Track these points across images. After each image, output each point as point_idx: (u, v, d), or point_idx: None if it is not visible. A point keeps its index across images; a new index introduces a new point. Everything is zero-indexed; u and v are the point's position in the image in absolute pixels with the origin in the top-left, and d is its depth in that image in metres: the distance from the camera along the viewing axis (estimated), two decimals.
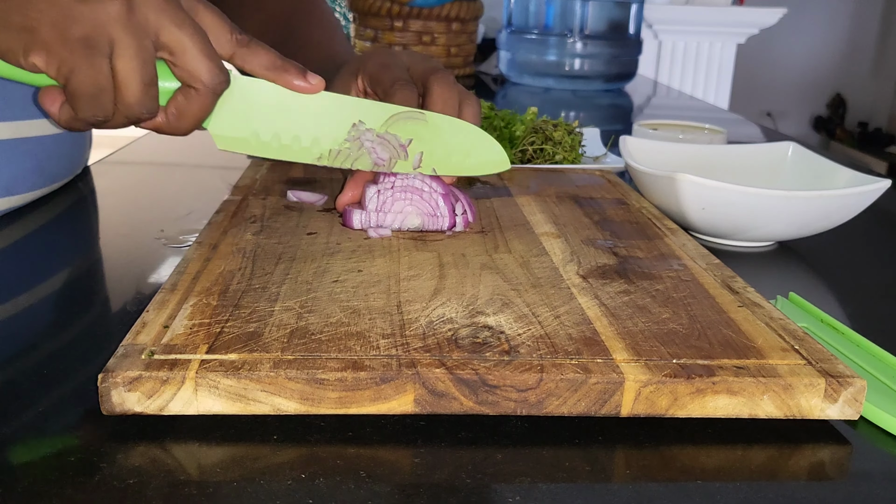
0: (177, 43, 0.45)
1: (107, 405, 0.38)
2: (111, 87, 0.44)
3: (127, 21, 0.43)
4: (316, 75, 0.55)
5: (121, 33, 0.43)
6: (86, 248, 0.68)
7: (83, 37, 0.42)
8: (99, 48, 0.43)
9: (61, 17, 0.42)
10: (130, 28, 0.43)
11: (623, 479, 0.37)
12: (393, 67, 0.62)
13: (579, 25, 1.70)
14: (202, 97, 0.48)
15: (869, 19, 4.20)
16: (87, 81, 0.43)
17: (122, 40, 0.43)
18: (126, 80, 0.44)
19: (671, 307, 0.48)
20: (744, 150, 0.83)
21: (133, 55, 0.44)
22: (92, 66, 0.43)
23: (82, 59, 0.43)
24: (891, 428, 0.42)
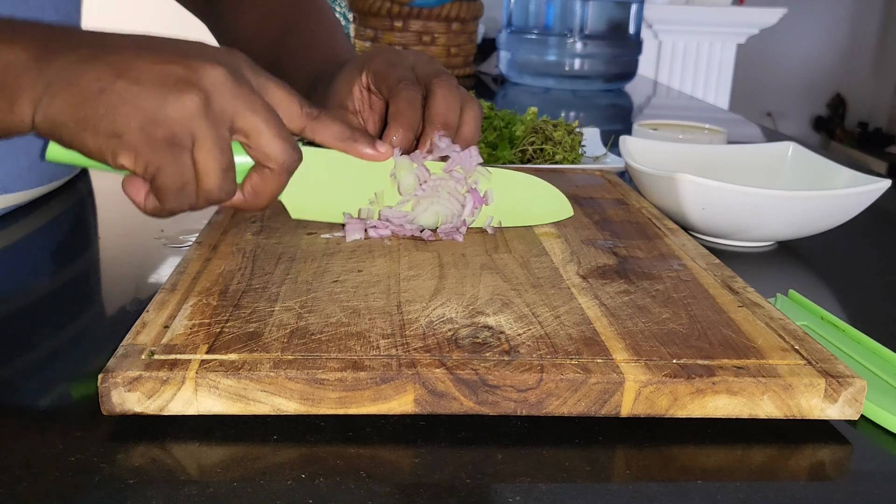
0: (251, 127, 0.47)
1: (107, 405, 0.38)
2: (194, 179, 0.46)
3: (205, 114, 0.44)
4: (384, 143, 0.57)
5: (200, 127, 0.45)
6: (86, 248, 0.68)
7: (167, 136, 0.44)
8: (182, 145, 0.45)
9: (146, 120, 0.43)
10: (209, 121, 0.45)
11: (623, 479, 0.37)
12: (398, 66, 0.63)
13: (579, 25, 1.70)
14: (277, 176, 0.49)
15: (869, 19, 4.20)
16: (173, 177, 0.45)
17: (201, 133, 0.45)
18: (206, 169, 0.46)
19: (671, 307, 0.48)
20: (744, 150, 0.83)
21: (212, 146, 0.45)
22: (177, 162, 0.45)
23: (168, 158, 0.44)
24: (891, 426, 0.42)
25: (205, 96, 0.45)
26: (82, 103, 0.43)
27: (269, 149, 0.48)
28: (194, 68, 0.45)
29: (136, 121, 0.43)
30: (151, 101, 0.43)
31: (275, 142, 0.48)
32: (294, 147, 0.49)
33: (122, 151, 0.44)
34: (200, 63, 0.45)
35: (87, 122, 0.43)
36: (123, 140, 0.43)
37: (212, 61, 0.45)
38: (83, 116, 0.43)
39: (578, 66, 1.71)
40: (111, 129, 0.43)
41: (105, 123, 0.43)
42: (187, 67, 0.45)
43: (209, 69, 0.45)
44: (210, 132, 0.45)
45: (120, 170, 0.45)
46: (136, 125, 0.43)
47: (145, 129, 0.43)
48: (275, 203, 0.54)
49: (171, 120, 0.44)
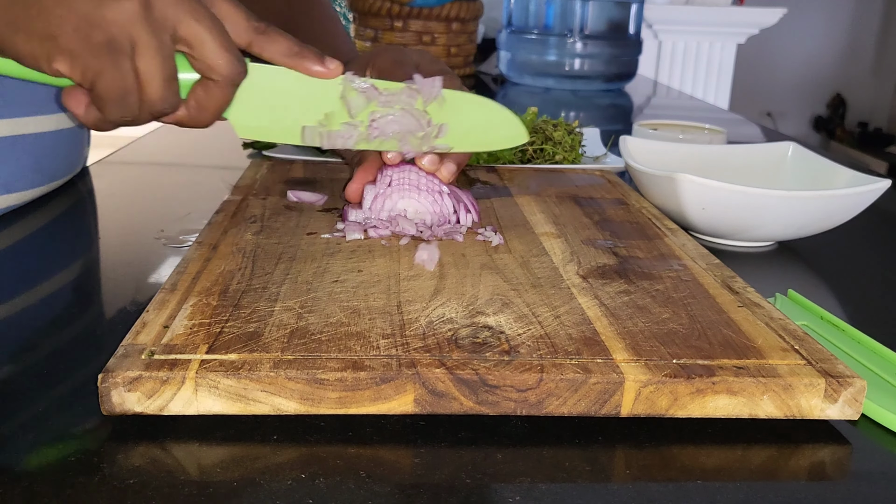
0: (194, 36, 0.45)
1: (107, 405, 0.38)
2: (136, 87, 0.45)
3: (145, 19, 0.43)
4: (333, 59, 0.54)
5: (140, 32, 0.43)
6: (86, 248, 0.68)
7: (105, 40, 0.42)
8: (121, 50, 0.43)
9: (82, 22, 0.42)
10: (149, 25, 0.43)
11: (623, 479, 0.37)
12: (404, 64, 0.63)
13: (579, 25, 1.70)
14: (221, 89, 0.48)
15: (869, 19, 4.20)
16: (113, 84, 0.44)
17: (142, 39, 0.43)
18: (148, 77, 0.45)
19: (671, 307, 0.48)
20: (744, 150, 0.83)
21: (154, 53, 0.44)
22: (116, 68, 0.43)
23: (106, 63, 0.43)
24: (891, 425, 0.42)
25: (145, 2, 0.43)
26: (12, 4, 0.41)
27: (212, 59, 0.46)
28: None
29: (72, 22, 0.42)
30: (88, 3, 0.42)
31: (219, 52, 0.46)
32: (239, 59, 0.47)
33: (57, 55, 0.42)
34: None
35: (18, 23, 0.41)
36: (59, 43, 0.42)
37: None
38: (14, 17, 0.41)
39: (578, 66, 1.71)
40: (45, 30, 0.41)
41: (38, 24, 0.41)
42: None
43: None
44: (151, 38, 0.44)
45: (57, 78, 0.44)
46: (72, 26, 0.42)
47: (81, 31, 0.42)
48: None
49: (108, 22, 0.42)
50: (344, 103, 0.57)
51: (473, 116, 0.61)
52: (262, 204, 0.67)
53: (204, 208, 0.72)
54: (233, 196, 0.69)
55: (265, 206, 0.66)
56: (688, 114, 1.57)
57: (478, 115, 0.61)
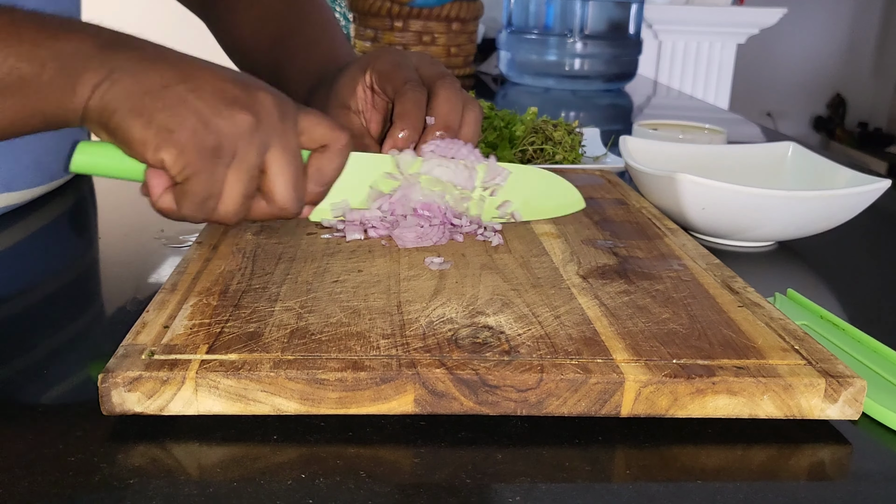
0: (276, 165, 0.48)
1: (107, 405, 0.38)
2: (220, 195, 0.47)
3: (252, 137, 0.46)
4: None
5: (244, 147, 0.46)
6: (86, 248, 0.68)
7: (214, 145, 0.45)
8: (223, 158, 0.46)
9: (200, 124, 0.45)
10: (252, 144, 0.46)
11: (623, 479, 0.37)
12: (404, 67, 0.64)
13: (579, 25, 1.70)
14: (271, 212, 0.50)
15: (869, 19, 4.20)
16: (204, 186, 0.46)
17: (242, 154, 0.46)
18: (232, 190, 0.47)
19: (671, 307, 0.48)
20: (744, 150, 0.83)
21: (247, 169, 0.47)
22: (213, 173, 0.46)
23: (207, 166, 0.45)
24: (892, 423, 0.42)
25: (256, 120, 0.46)
26: (143, 93, 0.44)
27: (278, 192, 0.48)
28: (251, 91, 0.47)
29: (192, 123, 0.45)
30: (209, 110, 0.45)
31: (286, 189, 0.49)
32: (300, 202, 0.50)
33: (167, 147, 0.45)
34: (256, 88, 0.47)
35: (143, 110, 0.44)
36: (173, 136, 0.44)
37: (265, 89, 0.48)
38: (140, 105, 0.44)
39: (578, 66, 1.71)
40: (166, 123, 0.44)
41: (161, 116, 0.44)
42: (244, 89, 0.47)
43: (262, 95, 0.47)
44: (249, 156, 0.47)
45: (151, 165, 0.46)
46: (190, 126, 0.45)
47: (197, 133, 0.45)
48: None
49: (222, 132, 0.45)
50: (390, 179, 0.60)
51: (533, 188, 0.65)
52: None
53: None
54: None
55: None
56: (688, 114, 1.57)
57: (537, 185, 0.66)
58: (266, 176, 0.48)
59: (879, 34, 4.22)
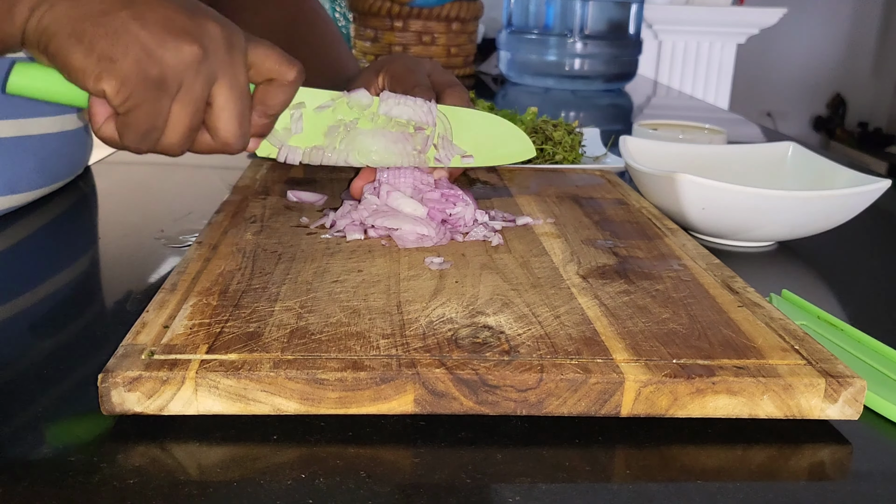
0: (222, 99, 0.47)
1: (107, 405, 0.38)
2: (161, 130, 0.46)
3: (197, 70, 0.45)
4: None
5: (189, 80, 0.45)
6: (86, 248, 0.68)
7: (158, 77, 0.44)
8: (167, 90, 0.45)
9: (144, 54, 0.43)
10: (198, 76, 0.45)
11: (623, 479, 0.37)
12: (416, 72, 0.65)
13: (579, 25, 1.70)
14: (215, 146, 0.49)
15: (869, 19, 4.20)
16: (147, 118, 0.45)
17: (187, 87, 0.45)
18: (176, 122, 0.46)
19: (671, 307, 0.48)
20: (744, 150, 0.83)
21: (191, 102, 0.46)
22: (156, 105, 0.45)
23: (150, 97, 0.44)
24: (894, 417, 0.42)
25: (203, 51, 0.45)
26: (83, 18, 0.43)
27: (223, 126, 0.47)
28: (198, 21, 0.45)
29: (135, 52, 0.43)
30: (153, 40, 0.43)
31: (232, 124, 0.47)
32: (244, 137, 0.49)
33: (108, 76, 0.43)
34: (204, 17, 0.45)
35: (83, 36, 0.43)
36: (116, 66, 0.43)
37: (214, 19, 0.46)
38: (81, 31, 0.43)
39: (578, 66, 1.71)
40: (107, 51, 0.43)
41: (103, 44, 0.43)
42: (192, 17, 0.45)
43: (211, 26, 0.45)
44: (195, 88, 0.45)
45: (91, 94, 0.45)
46: (133, 56, 0.43)
47: (140, 64, 0.43)
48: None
49: (167, 63, 0.44)
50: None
51: (480, 133, 0.63)
52: (262, 204, 0.67)
53: (204, 208, 0.72)
54: (233, 196, 0.69)
55: (265, 206, 0.66)
56: (688, 114, 1.57)
57: (485, 131, 0.64)
58: (211, 109, 0.47)
59: (879, 34, 4.22)
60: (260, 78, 0.49)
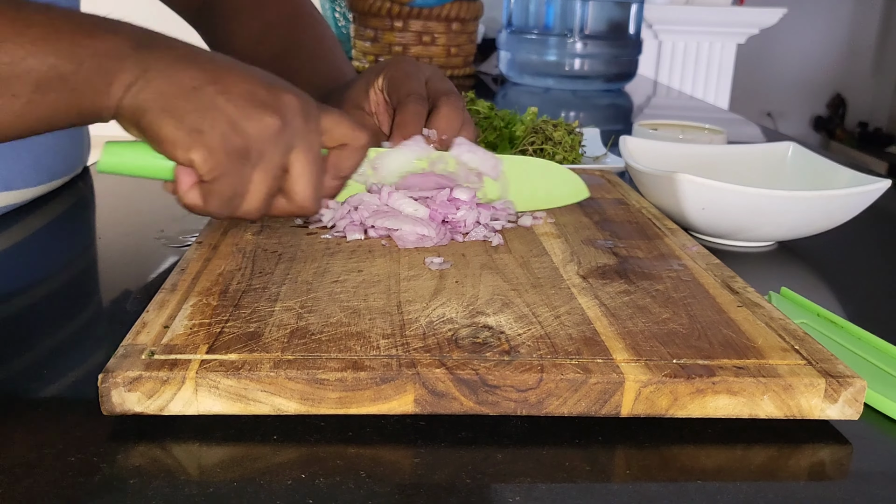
0: (298, 166, 0.49)
1: (107, 405, 0.38)
2: (244, 195, 0.48)
3: (277, 140, 0.47)
4: None
5: (270, 150, 0.47)
6: (86, 248, 0.68)
7: (242, 148, 0.46)
8: (250, 160, 0.47)
9: (229, 127, 0.46)
10: (278, 146, 0.47)
11: (623, 479, 0.37)
12: (413, 78, 0.65)
13: (579, 25, 1.70)
14: (290, 210, 0.51)
15: (869, 19, 4.20)
16: (230, 186, 0.47)
17: (268, 156, 0.47)
18: (257, 190, 0.48)
19: (671, 307, 0.48)
20: (744, 150, 0.83)
21: (270, 170, 0.48)
22: (239, 174, 0.47)
23: (235, 167, 0.46)
24: (894, 414, 0.42)
25: (282, 122, 0.47)
26: (175, 94, 0.45)
27: (299, 191, 0.49)
28: (277, 94, 0.48)
29: (221, 125, 0.46)
30: (238, 113, 0.46)
31: (308, 189, 0.50)
32: (319, 200, 0.51)
33: (197, 147, 0.45)
34: (282, 91, 0.48)
35: (174, 111, 0.45)
36: (203, 137, 0.45)
37: (290, 91, 0.49)
38: (172, 106, 0.45)
39: (578, 66, 1.71)
40: (196, 124, 0.45)
41: (192, 117, 0.45)
42: (271, 91, 0.48)
43: (288, 98, 0.48)
44: (275, 157, 0.48)
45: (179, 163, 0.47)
46: (220, 128, 0.46)
47: (226, 135, 0.46)
48: None
49: (250, 135, 0.46)
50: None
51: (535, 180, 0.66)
52: None
53: None
54: None
55: None
56: (688, 114, 1.57)
57: (540, 175, 0.67)
58: (289, 175, 0.49)
59: (879, 34, 4.22)
60: (332, 143, 0.52)
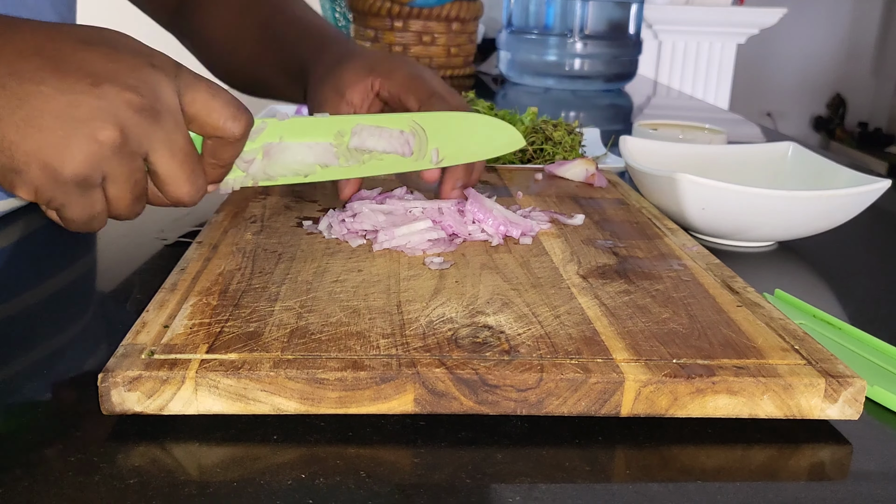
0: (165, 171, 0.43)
1: (107, 405, 0.38)
2: (104, 209, 0.43)
3: (119, 152, 0.40)
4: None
5: (113, 165, 0.41)
6: (86, 248, 0.68)
7: (74, 178, 0.39)
8: (92, 184, 0.41)
9: (49, 163, 0.39)
10: (122, 157, 0.41)
11: (623, 479, 0.37)
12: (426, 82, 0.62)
13: (579, 25, 1.70)
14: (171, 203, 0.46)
15: (869, 19, 4.20)
16: (81, 212, 0.42)
17: (113, 171, 0.41)
18: (117, 200, 0.43)
19: (671, 307, 0.48)
20: (744, 150, 0.83)
21: (125, 181, 0.42)
22: (84, 199, 0.41)
23: (74, 196, 0.41)
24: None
25: (121, 134, 0.40)
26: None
27: (171, 190, 0.44)
28: (110, 97, 0.39)
29: (38, 162, 0.38)
30: (55, 141, 0.38)
31: (180, 187, 0.44)
32: (199, 192, 0.45)
33: (20, 185, 0.39)
34: (117, 88, 0.40)
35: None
36: (23, 177, 0.39)
37: (128, 86, 0.40)
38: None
39: (578, 66, 1.71)
40: (8, 164, 0.39)
41: (2, 158, 0.38)
42: (101, 95, 0.39)
43: (126, 98, 0.40)
44: (123, 169, 0.41)
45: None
46: (38, 165, 0.38)
47: (48, 170, 0.39)
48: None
49: (78, 162, 0.39)
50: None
51: (464, 132, 0.61)
52: (261, 204, 0.67)
53: (204, 208, 0.72)
54: (232, 196, 0.69)
55: (265, 205, 0.66)
56: (688, 114, 1.57)
57: (469, 129, 0.61)
58: (156, 176, 0.43)
59: (879, 34, 4.22)
60: (204, 133, 0.45)
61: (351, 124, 0.57)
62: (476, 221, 0.59)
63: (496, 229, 0.59)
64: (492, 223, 0.59)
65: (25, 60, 0.39)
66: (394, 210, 0.60)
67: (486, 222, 0.59)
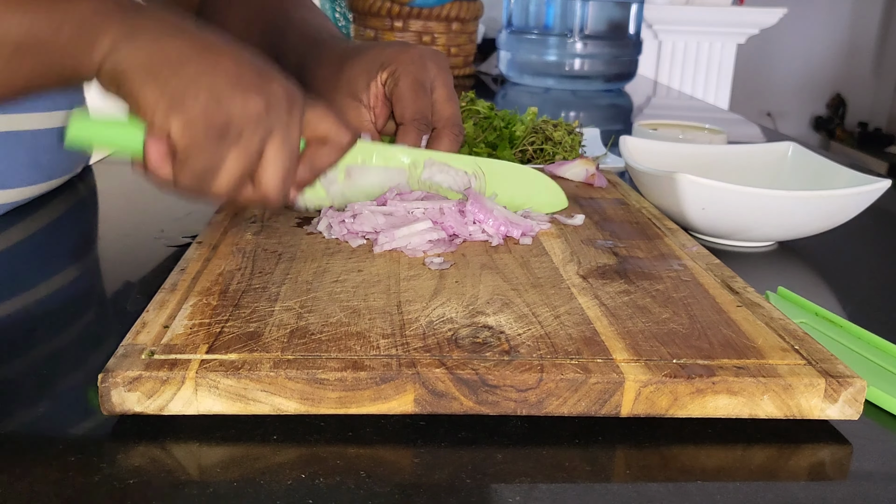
0: (272, 155, 0.48)
1: (107, 405, 0.38)
2: (216, 173, 0.47)
3: (259, 124, 0.47)
4: None
5: (250, 133, 0.47)
6: (86, 248, 0.68)
7: (222, 124, 0.46)
8: (229, 139, 0.46)
9: (213, 101, 0.45)
10: (259, 130, 0.47)
11: (623, 479, 0.37)
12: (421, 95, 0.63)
13: (579, 25, 1.70)
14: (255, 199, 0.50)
15: (869, 19, 4.20)
16: (204, 162, 0.46)
17: (246, 139, 0.47)
18: (230, 170, 0.48)
19: (671, 307, 0.48)
20: (744, 150, 0.83)
21: (247, 151, 0.47)
22: (215, 151, 0.46)
23: (211, 143, 0.46)
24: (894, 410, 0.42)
25: (266, 106, 0.47)
26: (160, 62, 0.45)
27: (267, 180, 0.49)
28: (265, 78, 0.48)
29: (205, 97, 0.45)
30: (223, 89, 0.45)
31: (276, 179, 0.49)
32: (284, 193, 0.50)
33: (176, 115, 0.45)
34: (270, 76, 0.48)
35: (158, 77, 0.45)
36: (185, 106, 0.45)
37: (278, 79, 0.48)
38: (156, 72, 0.45)
39: (578, 66, 1.71)
40: (179, 92, 0.45)
41: (175, 86, 0.45)
42: (259, 75, 0.47)
43: (276, 85, 0.48)
44: (253, 140, 0.47)
45: (154, 133, 0.46)
46: (203, 100, 0.45)
47: (208, 108, 0.45)
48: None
49: (232, 112, 0.46)
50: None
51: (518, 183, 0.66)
52: None
53: (204, 208, 0.72)
54: None
55: None
56: (688, 114, 1.57)
57: (523, 181, 0.67)
58: (261, 162, 0.48)
59: (879, 34, 4.22)
60: (313, 137, 0.52)
61: (424, 156, 0.63)
62: (476, 222, 0.60)
63: (496, 229, 0.59)
64: (492, 223, 0.59)
65: (201, 29, 0.48)
66: (394, 211, 0.60)
67: (487, 223, 0.60)
